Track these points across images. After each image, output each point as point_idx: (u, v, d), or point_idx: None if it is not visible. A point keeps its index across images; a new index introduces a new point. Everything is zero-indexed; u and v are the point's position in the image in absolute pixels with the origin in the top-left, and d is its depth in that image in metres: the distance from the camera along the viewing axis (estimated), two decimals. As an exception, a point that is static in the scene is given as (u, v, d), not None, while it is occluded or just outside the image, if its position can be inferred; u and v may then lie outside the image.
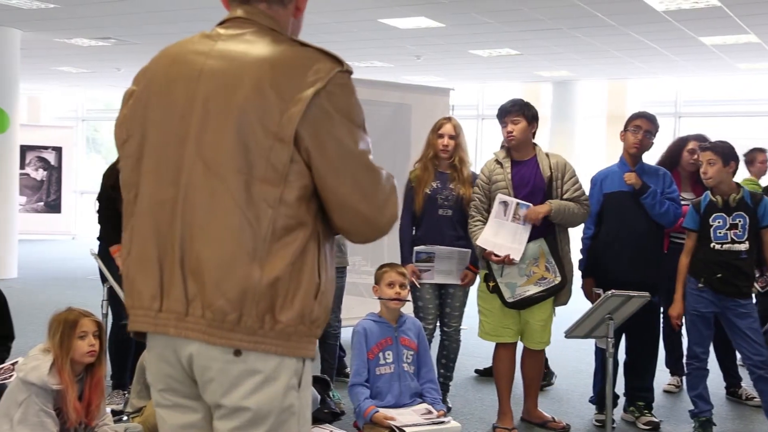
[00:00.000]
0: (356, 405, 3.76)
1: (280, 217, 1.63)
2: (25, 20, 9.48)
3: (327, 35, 9.64)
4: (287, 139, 1.62)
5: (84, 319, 3.38)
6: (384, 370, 3.83)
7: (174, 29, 9.48)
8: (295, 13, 1.83)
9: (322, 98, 1.63)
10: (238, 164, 1.63)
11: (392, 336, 3.89)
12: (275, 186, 1.62)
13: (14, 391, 3.30)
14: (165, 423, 1.80)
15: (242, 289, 1.61)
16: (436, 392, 3.94)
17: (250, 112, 1.63)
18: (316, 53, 1.68)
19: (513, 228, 4.15)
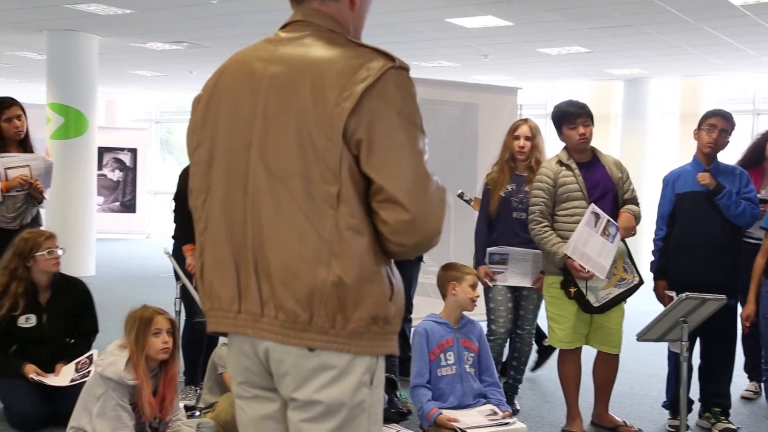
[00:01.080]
0: (419, 407, 3.76)
1: (342, 217, 1.64)
2: (103, 26, 9.79)
3: (394, 36, 9.66)
4: (337, 137, 1.63)
5: (158, 316, 3.48)
6: (445, 372, 3.81)
7: (243, 32, 9.65)
8: (351, 6, 1.82)
9: (371, 95, 1.63)
10: (298, 167, 1.66)
11: (453, 337, 3.87)
12: (332, 185, 1.64)
13: (92, 385, 3.42)
14: (245, 414, 1.85)
15: (309, 290, 1.64)
16: (500, 394, 3.91)
17: (306, 114, 1.66)
18: (370, 52, 1.69)
19: (601, 243, 4.04)
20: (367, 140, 1.63)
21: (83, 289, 4.39)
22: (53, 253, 4.11)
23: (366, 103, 1.63)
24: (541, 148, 4.58)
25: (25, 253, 4.06)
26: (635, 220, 4.16)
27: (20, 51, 11.92)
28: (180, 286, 4.30)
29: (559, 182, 4.17)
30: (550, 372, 5.46)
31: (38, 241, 4.11)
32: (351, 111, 1.62)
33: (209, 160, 1.80)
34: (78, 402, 3.47)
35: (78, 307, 4.31)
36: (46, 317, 4.14)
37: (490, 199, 4.57)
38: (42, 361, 4.10)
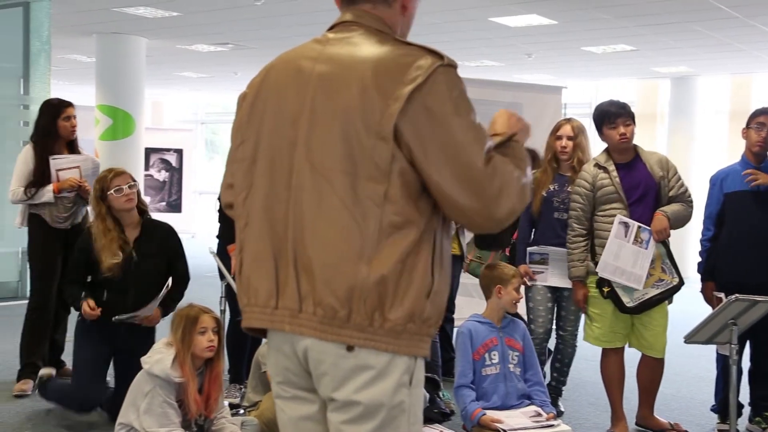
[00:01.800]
0: (463, 407, 3.75)
1: (386, 215, 1.65)
2: (150, 29, 9.96)
3: (436, 35, 9.64)
4: (387, 136, 1.64)
5: (204, 315, 3.52)
6: (490, 371, 3.80)
7: (288, 33, 9.73)
8: (402, 11, 1.84)
9: (422, 93, 1.64)
10: (344, 165, 1.66)
11: (497, 336, 3.85)
12: (379, 184, 1.65)
13: (140, 382, 3.48)
14: (284, 414, 1.86)
15: (349, 287, 1.65)
16: (544, 395, 3.88)
17: (353, 113, 1.66)
18: (418, 50, 1.69)
19: (634, 251, 3.99)
20: (420, 140, 1.64)
21: (172, 233, 4.28)
22: (121, 191, 4.02)
23: (417, 103, 1.64)
24: (583, 148, 4.53)
25: (100, 194, 4.03)
26: (670, 220, 4.06)
27: (70, 54, 12.19)
28: (225, 285, 4.35)
29: (597, 185, 4.14)
30: (594, 373, 5.39)
31: (108, 179, 4.05)
32: (401, 110, 1.63)
33: (252, 157, 1.81)
34: (126, 398, 3.53)
35: (167, 251, 4.20)
36: (135, 256, 4.06)
37: (532, 199, 4.54)
38: (128, 306, 4.01)
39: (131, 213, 4.11)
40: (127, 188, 4.04)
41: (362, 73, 1.68)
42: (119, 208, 4.04)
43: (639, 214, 4.07)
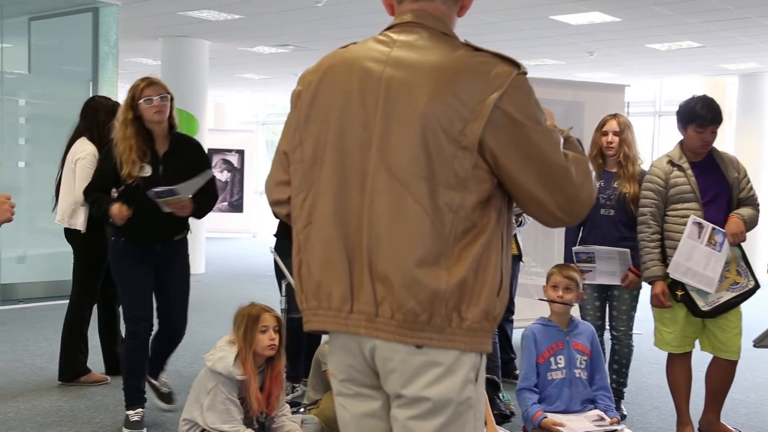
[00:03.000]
0: (524, 409, 3.71)
1: (460, 221, 1.67)
2: (213, 31, 10.14)
3: (496, 34, 9.58)
4: (471, 147, 1.65)
5: (265, 314, 3.56)
6: (555, 375, 3.75)
7: (348, 33, 9.77)
8: (459, 11, 1.85)
9: (504, 103, 1.66)
10: (423, 171, 1.67)
11: (563, 340, 3.79)
12: (457, 192, 1.67)
13: (203, 379, 3.54)
14: (346, 411, 1.87)
15: (432, 291, 1.66)
16: (609, 399, 3.81)
17: (432, 119, 1.66)
18: (493, 58, 1.70)
19: (707, 253, 3.88)
20: (505, 148, 1.67)
21: (200, 147, 4.19)
22: (151, 101, 3.86)
23: (500, 112, 1.66)
24: (630, 143, 4.47)
25: (131, 102, 3.90)
26: (746, 224, 3.96)
27: (137, 57, 12.50)
28: (285, 284, 4.40)
29: (671, 183, 4.03)
30: (658, 377, 5.28)
31: (139, 88, 3.90)
32: (487, 121, 1.65)
33: (313, 158, 1.80)
34: (190, 395, 3.60)
35: (197, 165, 4.01)
36: (162, 169, 3.94)
37: None
38: (158, 224, 3.95)
39: (161, 126, 3.95)
40: (158, 99, 3.87)
41: (438, 79, 1.68)
42: (148, 119, 3.90)
43: (711, 215, 3.95)
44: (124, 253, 4.04)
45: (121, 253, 4.05)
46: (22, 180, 8.33)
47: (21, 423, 4.19)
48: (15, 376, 5.12)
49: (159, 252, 4.07)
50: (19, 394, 4.74)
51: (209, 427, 3.44)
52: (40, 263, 7.95)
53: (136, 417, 4.08)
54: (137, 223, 3.90)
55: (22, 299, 7.92)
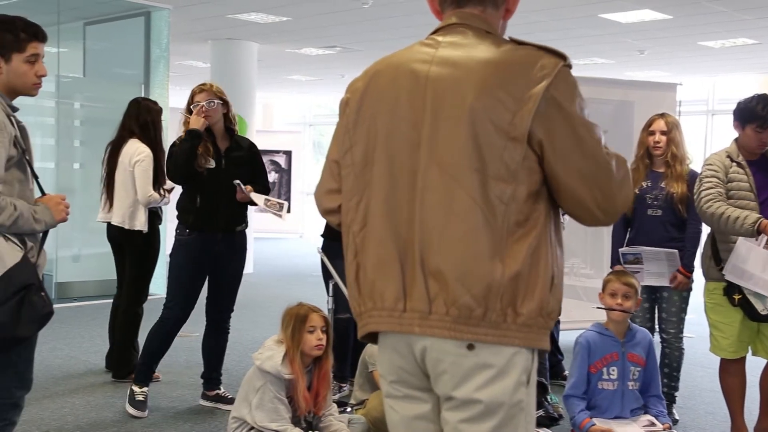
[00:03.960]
0: (572, 416, 3.66)
1: (511, 214, 1.67)
2: (262, 34, 10.25)
3: (544, 33, 9.50)
4: (521, 137, 1.66)
5: (313, 314, 3.59)
6: (606, 386, 3.67)
7: (394, 35, 9.80)
8: (504, 15, 1.86)
9: (551, 92, 1.66)
10: (473, 164, 1.68)
11: (618, 351, 3.67)
12: (508, 183, 1.67)
13: (252, 378, 3.58)
14: (396, 413, 1.86)
15: (487, 285, 1.66)
16: (661, 404, 3.73)
17: (480, 113, 1.67)
18: (538, 50, 1.71)
19: (765, 256, 3.75)
20: (549, 139, 1.67)
21: (255, 146, 4.55)
22: (198, 107, 4.22)
23: (546, 102, 1.66)
24: (678, 143, 4.39)
25: (188, 106, 4.27)
26: None
27: (187, 60, 12.70)
28: (333, 284, 4.42)
29: (729, 177, 3.93)
30: (711, 381, 5.18)
31: (195, 93, 4.29)
32: (534, 112, 1.65)
33: (364, 162, 1.82)
34: (239, 393, 3.65)
35: (252, 161, 4.44)
36: (224, 162, 4.27)
37: None
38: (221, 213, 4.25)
39: (217, 125, 4.30)
40: (205, 105, 4.21)
41: (484, 74, 1.69)
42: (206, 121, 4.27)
43: (765, 216, 3.85)
44: (186, 247, 4.27)
45: (184, 246, 4.28)
46: (76, 181, 8.54)
47: (76, 418, 4.29)
48: (70, 372, 5.25)
49: (220, 242, 4.31)
50: (74, 390, 4.85)
51: (258, 425, 3.48)
52: (93, 262, 8.13)
53: (141, 396, 4.37)
54: (202, 213, 4.23)
55: (76, 297, 8.12)
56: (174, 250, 4.34)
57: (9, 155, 2.50)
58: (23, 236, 2.54)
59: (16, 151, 2.54)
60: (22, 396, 2.65)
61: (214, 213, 4.25)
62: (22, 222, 2.50)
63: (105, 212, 5.04)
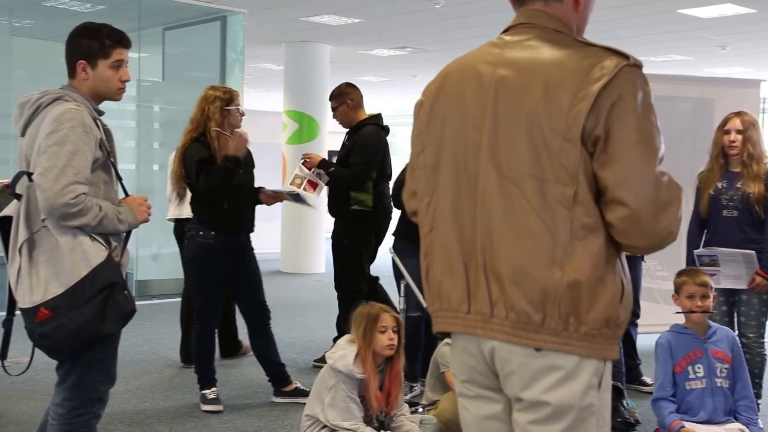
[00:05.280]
0: (661, 419, 3.58)
1: (577, 218, 1.63)
2: (334, 36, 10.35)
3: (621, 30, 9.31)
4: (574, 138, 1.62)
5: (384, 314, 3.60)
6: (694, 385, 3.59)
7: (466, 34, 9.76)
8: (575, 6, 1.81)
9: (608, 93, 1.61)
10: (531, 169, 1.66)
11: (701, 348, 3.61)
12: (568, 186, 1.63)
13: (324, 376, 3.62)
14: (468, 413, 1.87)
15: (543, 291, 1.64)
16: (752, 411, 3.61)
17: (538, 116, 1.65)
18: (602, 51, 1.67)
19: None
20: (603, 139, 1.62)
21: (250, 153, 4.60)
22: (241, 110, 4.34)
23: (602, 103, 1.61)
24: (755, 142, 4.24)
25: (225, 104, 4.29)
26: None
27: (261, 63, 12.92)
28: (404, 284, 4.44)
29: None
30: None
31: (235, 94, 4.37)
32: (588, 111, 1.61)
33: (435, 164, 1.84)
34: (312, 392, 3.69)
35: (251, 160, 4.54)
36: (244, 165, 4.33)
37: (700, 199, 4.34)
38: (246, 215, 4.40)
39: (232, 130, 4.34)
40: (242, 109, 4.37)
41: (545, 76, 1.66)
42: (234, 124, 4.33)
43: None
44: (210, 248, 4.33)
45: (208, 248, 4.33)
46: (155, 182, 8.79)
47: (156, 412, 4.42)
48: (150, 368, 5.41)
49: (241, 242, 4.40)
50: (154, 384, 5.00)
51: (330, 423, 3.51)
52: (171, 261, 8.35)
53: (212, 395, 4.48)
54: (228, 216, 4.30)
55: (155, 295, 8.37)
56: (197, 256, 4.38)
57: (95, 157, 2.59)
58: (108, 236, 2.62)
59: (101, 154, 2.63)
60: (107, 390, 2.74)
61: (239, 215, 4.34)
62: (107, 222, 2.58)
63: (176, 208, 5.20)
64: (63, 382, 2.66)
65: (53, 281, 2.51)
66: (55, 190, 2.46)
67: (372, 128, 5.33)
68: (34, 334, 2.55)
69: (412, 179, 1.94)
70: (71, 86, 2.71)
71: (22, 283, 2.56)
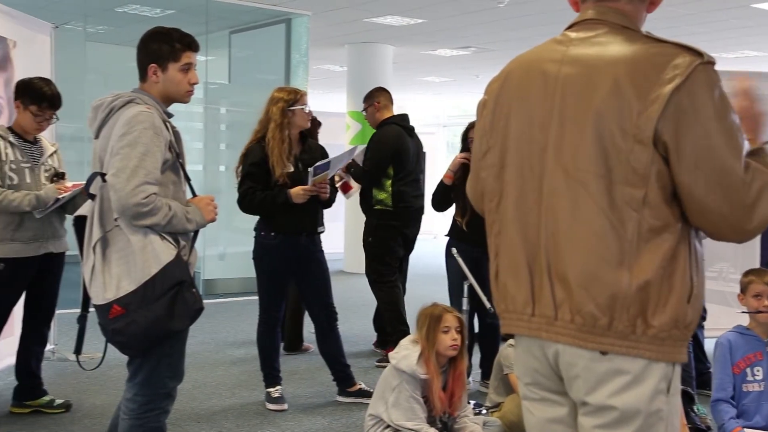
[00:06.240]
0: (720, 423, 3.50)
1: (645, 220, 1.60)
2: (397, 36, 10.37)
3: (691, 27, 9.08)
4: (646, 140, 1.58)
5: (447, 314, 3.60)
6: (752, 387, 3.50)
7: (531, 33, 9.65)
8: (649, 7, 1.78)
9: (681, 94, 1.56)
10: (599, 169, 1.62)
11: (762, 351, 3.53)
12: (638, 188, 1.60)
13: (388, 376, 3.63)
14: (532, 416, 1.85)
15: (611, 294, 1.61)
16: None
17: (607, 115, 1.62)
18: (674, 48, 1.61)
19: None
20: (677, 143, 1.58)
21: (324, 149, 4.59)
22: (308, 109, 4.32)
23: (676, 104, 1.57)
24: None
25: (287, 106, 4.28)
26: None
27: (324, 64, 13.03)
28: (468, 285, 4.41)
29: None
30: None
31: (299, 94, 4.33)
32: (661, 113, 1.57)
33: (500, 164, 1.82)
34: (375, 391, 3.71)
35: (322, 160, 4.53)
36: (300, 166, 4.33)
37: None
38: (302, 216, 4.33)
39: (295, 131, 4.35)
40: (308, 108, 4.33)
41: (614, 73, 1.62)
42: (300, 124, 4.33)
43: None
44: (271, 248, 4.37)
45: (269, 248, 4.37)
46: (222, 183, 8.95)
47: (223, 409, 4.50)
48: (217, 366, 5.50)
49: (304, 244, 4.40)
50: (221, 381, 5.09)
51: (394, 423, 3.52)
52: (237, 261, 8.50)
53: (276, 393, 4.52)
54: (287, 215, 4.29)
55: (221, 294, 8.52)
56: (258, 254, 4.43)
57: (164, 159, 2.66)
58: (177, 235, 2.68)
59: (170, 155, 2.69)
60: (175, 386, 2.80)
61: (299, 215, 4.31)
62: (176, 222, 2.64)
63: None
64: (134, 378, 2.73)
65: (125, 279, 2.58)
66: (127, 191, 2.53)
67: (390, 127, 5.55)
68: (107, 330, 2.62)
69: (478, 180, 1.92)
70: (142, 89, 2.78)
71: (95, 281, 2.63)
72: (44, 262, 4.06)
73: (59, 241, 4.17)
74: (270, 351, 4.54)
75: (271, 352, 4.54)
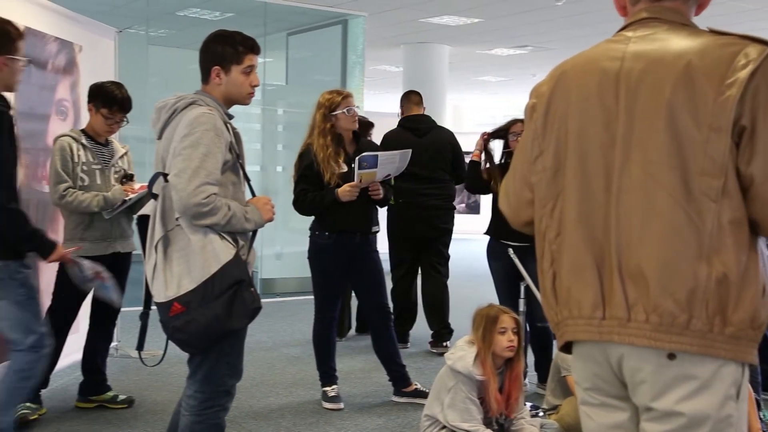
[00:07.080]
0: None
1: (725, 211, 1.57)
2: (453, 36, 10.35)
3: (753, 23, 8.85)
4: (724, 127, 1.56)
5: (504, 315, 3.57)
6: None
7: (589, 31, 9.53)
8: (697, 10, 1.77)
9: (757, 80, 1.55)
10: (673, 161, 1.60)
11: None
12: (716, 178, 1.57)
13: (444, 377, 3.63)
14: (591, 421, 1.82)
15: (690, 289, 1.58)
16: None
17: (679, 107, 1.60)
18: (740, 39, 1.61)
19: None
20: (750, 129, 1.56)
21: (376, 145, 4.60)
22: (351, 111, 4.29)
23: (754, 89, 1.56)
24: None
25: (328, 112, 4.30)
26: None
27: (380, 65, 13.09)
28: (524, 286, 4.38)
29: None
30: None
31: (338, 99, 4.31)
32: (739, 99, 1.55)
33: (556, 167, 1.78)
34: (431, 392, 3.71)
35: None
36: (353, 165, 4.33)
37: None
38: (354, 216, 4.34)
39: (349, 131, 4.38)
40: (355, 110, 4.33)
41: (684, 65, 1.61)
42: (346, 127, 4.34)
43: None
44: (325, 248, 4.40)
45: (323, 248, 4.41)
46: (279, 183, 9.06)
47: (280, 407, 4.55)
48: (274, 364, 5.57)
49: (358, 243, 4.41)
50: (277, 380, 5.14)
51: (450, 424, 3.51)
52: (294, 260, 8.59)
53: (332, 392, 4.55)
54: (341, 216, 4.31)
55: (278, 293, 8.61)
56: (313, 254, 4.47)
57: (225, 159, 2.70)
58: (236, 235, 2.73)
59: (231, 156, 2.74)
60: (234, 384, 2.85)
61: (352, 214, 4.32)
62: (235, 221, 2.69)
63: None
64: (194, 375, 2.79)
65: (186, 277, 2.63)
66: (188, 191, 2.58)
67: (390, 132, 6.03)
68: (168, 327, 2.68)
69: (526, 187, 1.87)
70: (204, 91, 2.84)
71: (157, 279, 2.69)
72: (112, 261, 4.17)
73: (126, 241, 4.29)
74: (326, 350, 4.57)
75: (326, 351, 4.58)
